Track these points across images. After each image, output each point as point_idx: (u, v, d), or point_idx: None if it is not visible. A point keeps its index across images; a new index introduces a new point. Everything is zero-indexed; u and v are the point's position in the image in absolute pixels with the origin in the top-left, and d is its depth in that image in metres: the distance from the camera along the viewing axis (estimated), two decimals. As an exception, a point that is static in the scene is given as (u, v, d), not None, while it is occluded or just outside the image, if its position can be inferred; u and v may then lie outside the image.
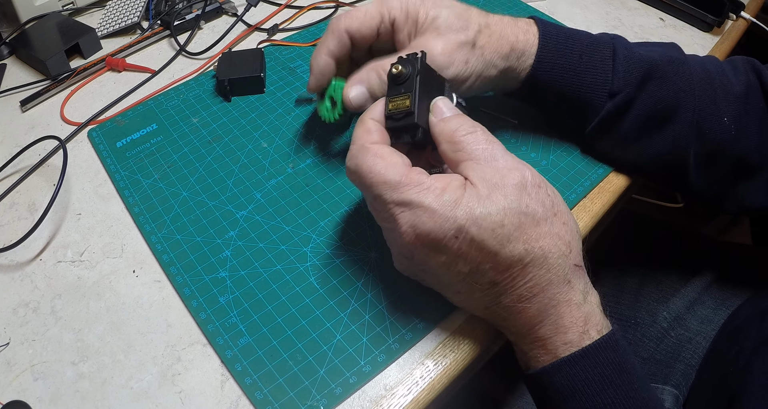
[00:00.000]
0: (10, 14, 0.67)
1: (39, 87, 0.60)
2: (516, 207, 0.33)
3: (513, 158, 0.35)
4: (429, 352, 0.39)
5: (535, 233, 0.33)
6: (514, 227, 0.32)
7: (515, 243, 0.33)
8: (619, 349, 0.34)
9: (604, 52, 0.44)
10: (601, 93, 0.43)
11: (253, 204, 0.47)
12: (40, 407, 0.37)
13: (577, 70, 0.43)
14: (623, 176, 0.49)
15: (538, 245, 0.33)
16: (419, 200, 0.32)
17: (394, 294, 0.41)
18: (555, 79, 0.44)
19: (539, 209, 0.33)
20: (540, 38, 0.43)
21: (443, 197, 0.32)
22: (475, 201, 0.32)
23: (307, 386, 0.37)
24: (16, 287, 0.43)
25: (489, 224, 0.32)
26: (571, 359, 0.33)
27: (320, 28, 0.65)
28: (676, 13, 0.67)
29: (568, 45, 0.44)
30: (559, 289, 0.34)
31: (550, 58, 0.43)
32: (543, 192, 0.34)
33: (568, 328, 0.34)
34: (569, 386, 0.33)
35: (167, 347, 0.39)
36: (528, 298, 0.34)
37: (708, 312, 0.58)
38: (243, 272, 0.42)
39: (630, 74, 0.43)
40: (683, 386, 0.53)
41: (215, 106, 0.56)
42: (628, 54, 0.44)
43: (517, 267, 0.33)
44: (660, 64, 0.44)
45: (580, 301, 0.34)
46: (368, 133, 0.36)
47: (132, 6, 0.67)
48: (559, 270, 0.34)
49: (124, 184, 0.49)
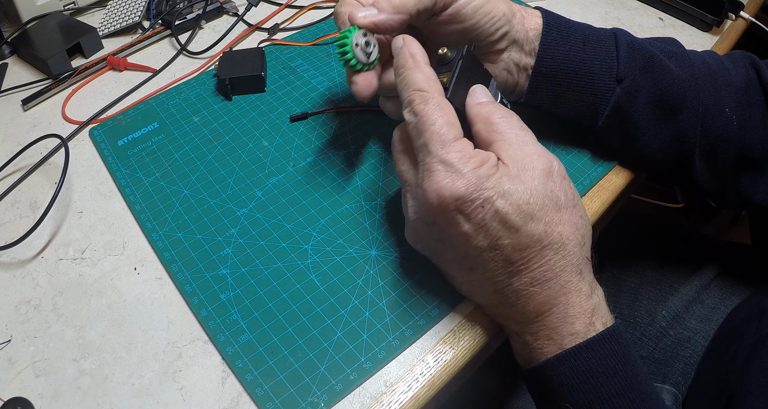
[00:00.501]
0: (11, 14, 0.67)
1: (40, 86, 0.60)
2: (542, 190, 0.34)
3: (543, 148, 0.36)
4: (429, 349, 0.39)
5: (557, 217, 0.34)
6: (539, 207, 0.33)
7: (537, 223, 0.33)
8: (623, 342, 0.35)
9: (606, 40, 0.44)
10: (608, 79, 0.43)
11: (254, 202, 0.47)
12: (42, 403, 0.37)
13: (582, 57, 0.43)
14: (622, 175, 0.49)
15: (557, 229, 0.34)
16: (460, 166, 0.33)
17: (395, 291, 0.41)
18: (561, 67, 0.44)
19: (562, 197, 0.35)
20: (544, 24, 0.43)
21: (481, 170, 0.33)
22: (505, 178, 0.34)
23: (308, 382, 0.37)
24: (18, 285, 0.43)
25: (515, 200, 0.33)
26: (577, 350, 0.34)
27: (320, 28, 0.66)
28: (675, 13, 0.67)
29: (571, 32, 0.44)
30: (572, 277, 0.34)
31: (554, 45, 0.43)
32: (567, 183, 0.36)
33: (575, 318, 0.34)
34: (574, 377, 0.34)
35: (168, 344, 0.40)
36: (540, 282, 0.34)
37: (707, 311, 0.58)
38: (244, 270, 0.43)
39: (634, 60, 0.43)
40: (682, 385, 0.53)
41: (216, 105, 0.56)
42: (631, 40, 0.44)
43: (536, 248, 0.34)
44: (661, 54, 0.44)
45: (589, 292, 0.35)
46: (435, 82, 0.36)
47: (133, 6, 0.67)
48: (573, 258, 0.34)
49: (126, 183, 0.49)
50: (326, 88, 0.57)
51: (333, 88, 0.57)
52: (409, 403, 0.37)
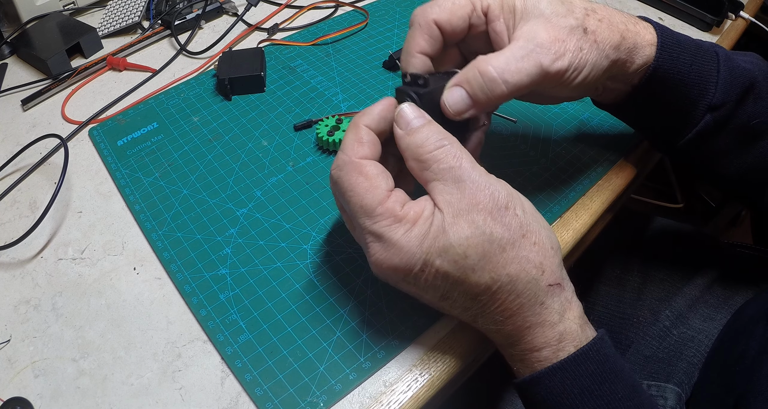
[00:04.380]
0: (11, 14, 0.67)
1: (40, 86, 0.60)
2: (480, 235, 0.32)
3: (480, 176, 0.33)
4: (429, 349, 0.39)
5: (502, 259, 0.32)
6: (479, 256, 0.32)
7: (480, 272, 0.32)
8: (600, 359, 0.34)
9: (710, 63, 0.40)
10: (702, 106, 0.40)
11: (254, 202, 0.47)
12: (41, 403, 0.37)
13: (686, 81, 0.40)
14: (622, 175, 0.49)
15: (505, 272, 0.32)
16: (389, 235, 0.32)
17: (394, 291, 0.41)
18: (665, 88, 0.40)
19: (505, 234, 0.33)
20: (659, 36, 0.39)
21: (412, 232, 0.32)
22: (440, 231, 0.32)
23: (307, 382, 0.37)
24: (17, 285, 0.43)
25: (452, 256, 0.32)
26: (549, 372, 0.33)
27: (320, 28, 0.66)
28: (675, 13, 0.67)
29: (682, 50, 0.39)
30: (532, 311, 0.33)
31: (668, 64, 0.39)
32: (510, 213, 0.33)
33: (541, 348, 0.34)
34: (550, 397, 0.33)
35: (167, 344, 0.39)
36: (501, 321, 0.34)
37: (710, 311, 0.58)
38: (243, 269, 0.43)
39: (732, 88, 0.40)
40: (686, 384, 0.53)
41: (216, 105, 0.56)
42: (731, 65, 0.41)
43: (486, 294, 0.33)
44: (758, 79, 0.41)
45: (555, 321, 0.34)
46: (359, 145, 0.35)
47: (133, 6, 0.67)
48: (529, 294, 0.33)
49: (125, 183, 0.49)
50: (326, 88, 0.57)
51: (332, 88, 0.57)
52: (409, 403, 0.36)
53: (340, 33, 0.64)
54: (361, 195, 0.33)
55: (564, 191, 0.47)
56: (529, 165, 0.49)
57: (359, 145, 0.35)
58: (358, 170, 0.34)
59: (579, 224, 0.45)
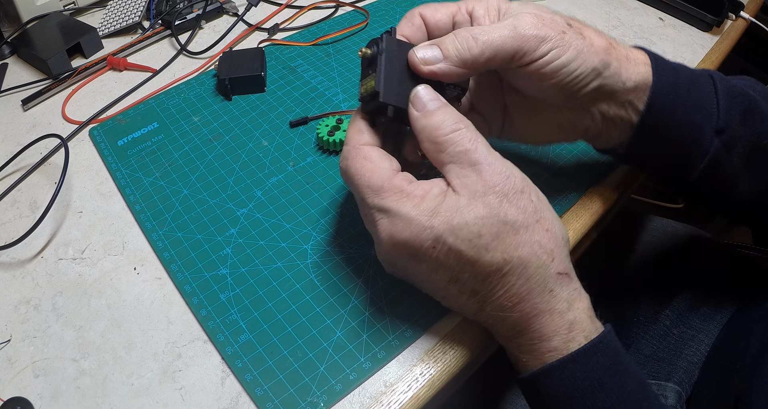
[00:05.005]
0: (11, 14, 0.67)
1: (40, 86, 0.60)
2: (495, 216, 0.32)
3: (497, 160, 0.33)
4: (429, 349, 0.39)
5: (514, 241, 0.32)
6: (492, 236, 0.32)
7: (493, 252, 0.32)
8: (610, 352, 0.34)
9: (707, 85, 0.39)
10: (708, 130, 0.39)
11: (254, 202, 0.47)
12: (41, 403, 0.37)
13: (688, 104, 0.38)
14: (623, 175, 0.49)
15: (516, 254, 0.32)
16: (397, 208, 0.33)
17: (394, 291, 0.41)
18: (666, 118, 0.39)
19: (520, 217, 0.33)
20: (651, 57, 0.38)
21: (421, 206, 0.32)
22: (453, 210, 0.32)
23: (308, 382, 0.37)
24: (18, 285, 0.43)
25: (466, 234, 0.32)
26: (560, 364, 0.33)
27: (320, 28, 0.66)
28: (675, 13, 0.67)
29: (677, 73, 0.39)
30: (540, 298, 0.33)
31: (666, 88, 0.38)
32: (526, 198, 0.33)
33: (551, 336, 0.34)
34: (560, 390, 0.33)
35: (168, 344, 0.39)
36: (509, 307, 0.34)
37: (710, 310, 0.58)
38: (243, 269, 0.43)
39: (733, 108, 0.39)
40: (686, 383, 0.53)
41: (216, 105, 0.56)
42: (728, 85, 0.40)
43: (496, 276, 0.33)
44: (756, 98, 0.40)
45: (564, 309, 0.34)
46: (360, 133, 0.36)
47: (133, 6, 0.67)
48: (539, 279, 0.33)
49: (125, 183, 0.49)
50: (326, 88, 0.57)
51: (333, 88, 0.57)
52: (409, 403, 0.36)
53: (340, 33, 0.64)
54: (367, 176, 0.34)
55: (564, 191, 0.47)
56: (529, 165, 0.49)
57: (360, 134, 0.36)
58: (362, 155, 0.35)
59: (579, 224, 0.45)
